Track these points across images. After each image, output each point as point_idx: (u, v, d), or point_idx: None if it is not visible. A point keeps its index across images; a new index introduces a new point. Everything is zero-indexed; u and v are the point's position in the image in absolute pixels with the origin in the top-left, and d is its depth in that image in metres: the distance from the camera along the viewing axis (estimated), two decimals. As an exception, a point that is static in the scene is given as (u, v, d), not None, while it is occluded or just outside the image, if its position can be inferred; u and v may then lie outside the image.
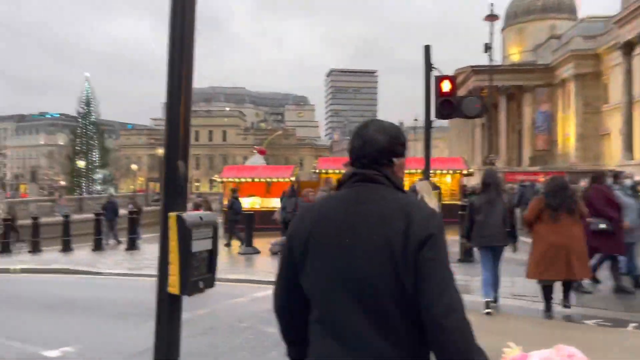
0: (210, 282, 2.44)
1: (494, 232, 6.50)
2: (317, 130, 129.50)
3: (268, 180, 19.61)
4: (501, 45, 59.09)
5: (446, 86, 8.27)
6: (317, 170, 20.19)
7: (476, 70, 46.62)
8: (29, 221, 17.77)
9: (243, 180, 19.73)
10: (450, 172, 20.47)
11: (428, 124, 8.52)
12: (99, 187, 54.55)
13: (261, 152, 27.69)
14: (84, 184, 55.28)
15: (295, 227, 1.60)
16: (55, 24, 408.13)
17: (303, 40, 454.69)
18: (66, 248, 15.67)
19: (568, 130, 46.47)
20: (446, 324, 1.34)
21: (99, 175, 56.11)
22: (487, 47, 26.80)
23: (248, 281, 9.32)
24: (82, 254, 14.89)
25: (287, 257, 1.61)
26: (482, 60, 40.78)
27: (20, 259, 14.66)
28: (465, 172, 20.35)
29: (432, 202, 5.95)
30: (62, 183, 67.05)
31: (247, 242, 13.45)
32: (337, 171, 20.45)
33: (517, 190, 17.45)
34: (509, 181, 24.96)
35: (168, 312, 2.34)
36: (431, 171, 10.05)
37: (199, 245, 2.36)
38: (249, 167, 23.31)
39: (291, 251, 1.58)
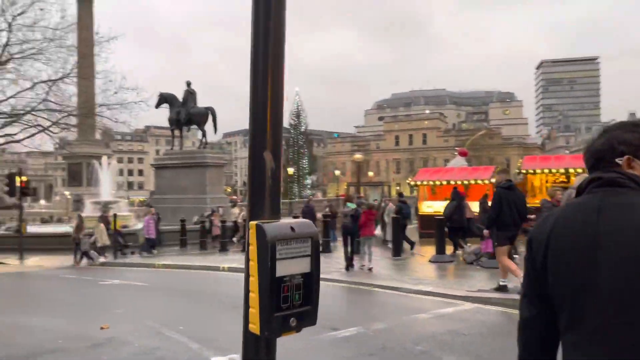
0: (309, 319, 1.73)
1: None
2: (526, 128, 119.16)
3: (465, 182, 18.17)
4: None
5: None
6: (522, 171, 18.03)
7: None
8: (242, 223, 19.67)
9: (437, 183, 18.69)
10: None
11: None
12: (308, 192, 59.43)
13: (462, 154, 25.95)
14: (295, 189, 60.83)
15: (535, 232, 1.53)
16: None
17: (510, 32, 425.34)
18: (268, 249, 16.83)
19: None
20: None
21: (308, 180, 61.25)
22: None
23: (433, 294, 8.32)
24: (280, 255, 15.74)
25: (529, 263, 1.54)
26: None
27: (232, 257, 16.17)
28: None
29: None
30: (279, 189, 74.80)
31: (439, 249, 12.47)
32: (545, 171, 18.02)
33: None
34: None
35: (253, 358, 1.74)
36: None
37: (289, 266, 1.68)
38: (444, 169, 22.14)
39: (532, 257, 1.52)
